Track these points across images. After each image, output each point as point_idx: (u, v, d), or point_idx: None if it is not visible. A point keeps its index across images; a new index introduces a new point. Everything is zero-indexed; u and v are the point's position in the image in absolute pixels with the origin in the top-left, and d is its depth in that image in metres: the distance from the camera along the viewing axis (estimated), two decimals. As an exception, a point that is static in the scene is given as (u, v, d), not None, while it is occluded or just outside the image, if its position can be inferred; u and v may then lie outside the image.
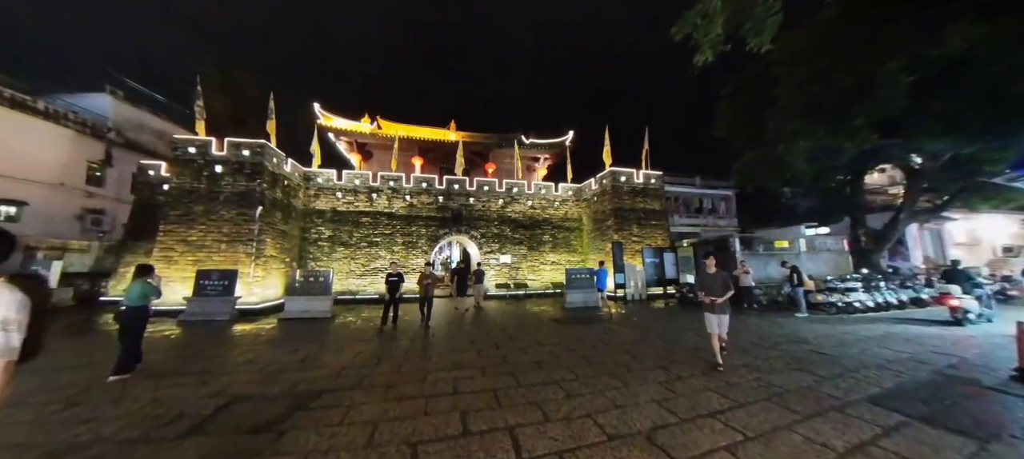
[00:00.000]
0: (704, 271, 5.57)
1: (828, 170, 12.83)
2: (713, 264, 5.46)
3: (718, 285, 5.29)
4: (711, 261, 5.49)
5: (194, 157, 12.78)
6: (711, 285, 5.34)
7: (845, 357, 5.84)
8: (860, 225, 15.31)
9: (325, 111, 20.36)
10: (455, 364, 5.69)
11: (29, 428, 3.58)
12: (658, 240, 16.82)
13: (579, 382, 4.74)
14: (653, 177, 17.65)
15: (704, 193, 26.41)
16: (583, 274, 13.34)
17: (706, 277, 5.45)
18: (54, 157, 15.82)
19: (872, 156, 12.63)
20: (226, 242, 12.25)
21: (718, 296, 5.24)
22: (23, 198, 14.62)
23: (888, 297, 10.97)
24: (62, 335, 8.48)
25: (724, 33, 6.84)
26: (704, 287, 5.41)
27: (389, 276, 9.32)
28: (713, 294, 5.27)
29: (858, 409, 3.79)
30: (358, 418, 3.71)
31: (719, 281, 5.32)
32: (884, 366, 5.32)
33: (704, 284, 5.43)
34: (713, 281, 5.35)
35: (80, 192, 16.71)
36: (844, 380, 4.70)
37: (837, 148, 10.87)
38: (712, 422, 3.52)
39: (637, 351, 6.38)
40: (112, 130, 18.06)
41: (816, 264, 14.24)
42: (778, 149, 11.70)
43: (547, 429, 3.41)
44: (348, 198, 16.51)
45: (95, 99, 18.16)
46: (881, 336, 7.31)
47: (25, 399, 4.32)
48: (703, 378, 4.87)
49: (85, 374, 5.39)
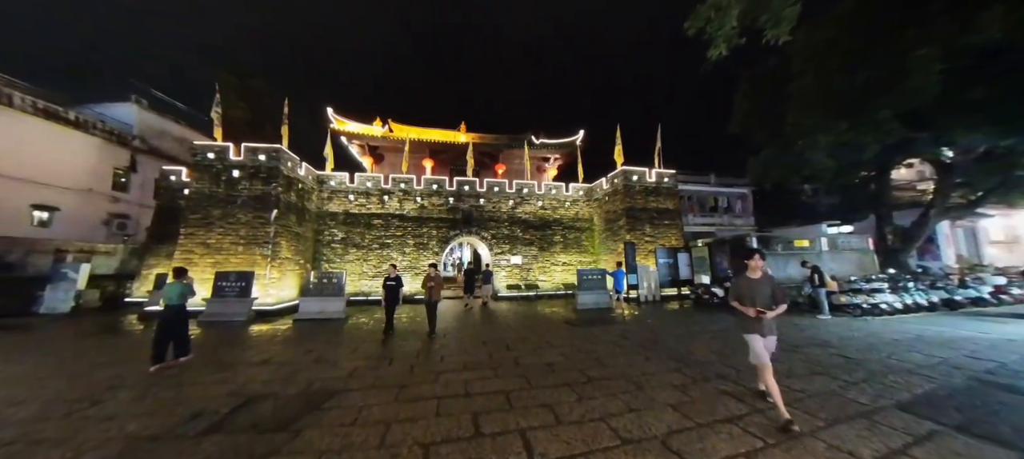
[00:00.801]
0: (743, 276, 4.08)
1: (851, 165, 12.32)
2: (758, 265, 4.02)
3: (766, 294, 3.84)
4: (756, 261, 4.03)
5: (213, 162, 13.15)
6: (755, 294, 3.84)
7: (871, 361, 5.56)
8: (886, 223, 14.65)
9: (338, 115, 20.72)
10: (466, 365, 5.67)
11: (59, 425, 3.73)
12: (672, 240, 16.49)
13: (592, 384, 4.66)
14: (666, 176, 17.33)
15: (719, 191, 25.79)
16: (595, 275, 13.15)
17: (747, 283, 3.95)
18: (83, 164, 16.57)
19: (899, 150, 12.08)
20: (243, 244, 12.55)
21: (766, 308, 3.78)
22: (55, 204, 15.35)
23: (918, 298, 10.43)
24: (90, 335, 8.83)
25: (739, 26, 6.62)
26: (744, 296, 3.91)
27: (387, 280, 8.38)
28: (759, 306, 3.79)
29: (886, 416, 3.59)
30: (371, 418, 3.74)
31: (767, 289, 3.87)
32: (914, 371, 5.03)
33: (744, 293, 3.92)
34: (758, 289, 3.87)
35: (107, 197, 17.45)
36: (871, 385, 4.47)
37: (860, 143, 10.41)
38: (730, 427, 3.41)
39: (651, 353, 6.24)
40: (136, 138, 18.82)
41: (839, 264, 13.70)
42: (797, 145, 11.31)
43: (559, 432, 3.36)
44: (360, 200, 16.73)
45: (121, 108, 18.95)
46: (911, 339, 6.94)
47: (55, 396, 4.52)
48: (720, 382, 4.70)
49: (111, 371, 5.60)
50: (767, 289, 3.89)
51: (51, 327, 9.89)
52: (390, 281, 8.41)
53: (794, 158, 11.89)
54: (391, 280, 8.43)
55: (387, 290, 8.32)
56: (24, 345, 7.74)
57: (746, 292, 3.92)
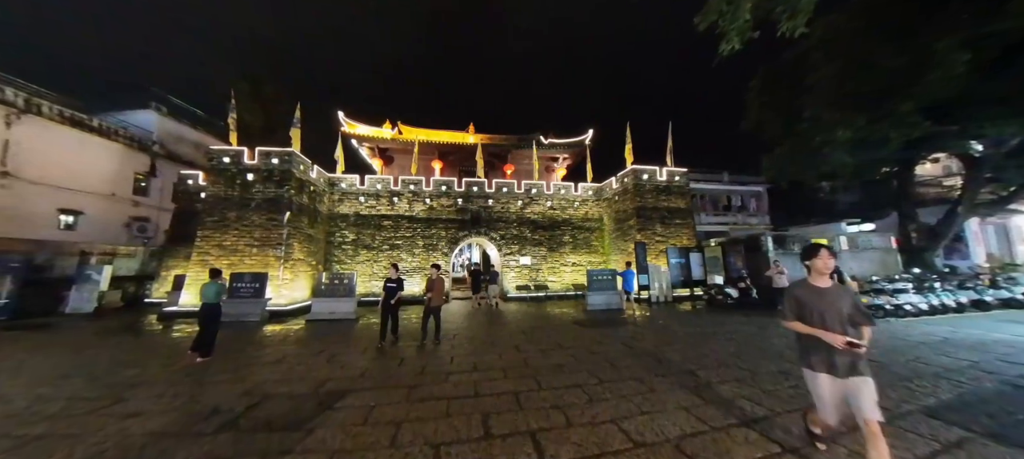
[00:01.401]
0: (804, 283, 2.76)
1: (872, 161, 11.88)
2: (827, 266, 2.67)
3: (842, 311, 2.54)
4: (825, 260, 2.66)
5: (228, 166, 13.46)
6: (826, 310, 2.57)
7: (895, 364, 5.34)
8: (910, 220, 14.07)
9: (348, 119, 21.00)
10: (476, 366, 5.71)
11: (83, 421, 3.88)
12: (684, 239, 16.20)
13: (602, 386, 4.61)
14: (677, 174, 17.04)
15: (732, 189, 25.26)
16: (605, 276, 13.00)
17: (811, 295, 2.66)
18: (106, 170, 17.19)
19: (924, 145, 11.56)
20: (257, 246, 12.81)
21: (841, 331, 2.49)
22: (80, 208, 15.95)
23: (945, 299, 9.98)
24: (112, 334, 9.12)
25: (753, 19, 6.43)
26: (808, 314, 2.63)
27: (388, 281, 7.63)
28: (832, 327, 2.52)
29: (912, 422, 3.45)
30: (381, 418, 3.77)
31: (843, 303, 2.57)
32: (942, 375, 4.82)
33: (808, 308, 2.64)
34: (829, 303, 2.59)
35: (128, 201, 18.07)
36: (895, 390, 4.29)
37: (882, 138, 10.02)
38: (747, 431, 3.32)
39: (663, 355, 6.15)
40: (156, 143, 19.45)
41: (859, 263, 13.22)
42: (815, 141, 10.95)
43: (570, 434, 3.33)
44: (370, 202, 16.92)
45: (141, 115, 19.61)
46: (938, 342, 6.65)
47: (80, 393, 4.68)
48: (735, 385, 4.59)
49: (133, 370, 5.78)
50: (843, 303, 2.55)
51: (76, 326, 10.25)
52: (391, 282, 7.58)
53: (812, 155, 11.51)
54: (392, 281, 7.59)
55: (387, 291, 7.51)
56: (51, 343, 8.04)
57: (812, 307, 2.61)
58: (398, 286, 7.60)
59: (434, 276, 7.62)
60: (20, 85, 14.48)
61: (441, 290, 7.61)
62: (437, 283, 7.53)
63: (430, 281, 7.56)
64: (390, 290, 7.55)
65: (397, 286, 7.59)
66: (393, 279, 7.68)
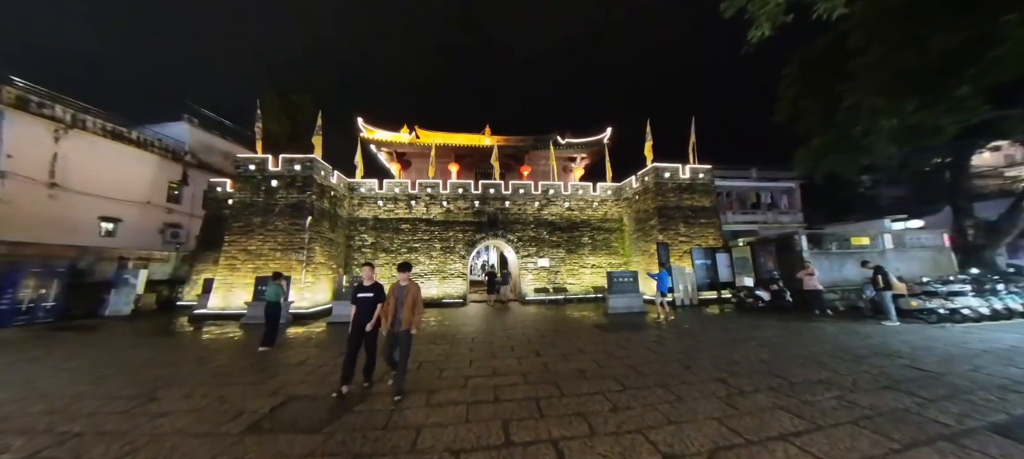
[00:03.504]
0: None
1: (921, 152, 10.91)
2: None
3: None
4: None
5: (254, 173, 13.89)
6: None
7: (953, 375, 4.84)
8: (966, 216, 12.85)
9: (367, 125, 21.41)
10: (495, 371, 5.66)
11: (118, 418, 4.03)
12: (709, 239, 15.48)
13: (627, 393, 4.42)
14: (701, 171, 16.34)
15: (761, 186, 24.07)
16: (626, 278, 12.57)
17: None
18: (143, 179, 18.17)
19: (982, 132, 10.54)
20: (280, 251, 13.13)
21: None
22: (119, 216, 16.89)
23: (1010, 303, 9.01)
24: (147, 335, 9.51)
25: (786, 1, 5.94)
26: None
27: (357, 291, 5.04)
28: None
29: (979, 440, 3.06)
30: (401, 423, 3.76)
31: None
32: (1010, 388, 4.31)
33: None
34: None
35: (162, 209, 19.03)
36: (955, 403, 3.86)
37: (934, 126, 9.13)
38: (785, 446, 3.05)
39: (691, 361, 5.85)
40: (188, 153, 20.42)
41: (907, 263, 12.20)
42: (855, 130, 10.14)
43: (594, 444, 3.19)
44: (389, 206, 17.09)
45: (175, 127, 20.68)
46: (1004, 351, 6.00)
47: (116, 392, 4.89)
48: (771, 394, 4.27)
49: (165, 370, 5.98)
50: None
51: (114, 327, 10.78)
52: (363, 292, 4.95)
53: (852, 146, 10.69)
54: (365, 291, 4.96)
55: (358, 304, 4.92)
56: (92, 344, 8.45)
57: None
58: (375, 297, 4.93)
59: (403, 280, 4.81)
60: (67, 102, 15.52)
61: (414, 305, 4.67)
62: (406, 293, 4.71)
63: (395, 290, 4.80)
64: (363, 304, 4.88)
65: (374, 297, 4.92)
66: (366, 287, 4.96)
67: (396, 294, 4.77)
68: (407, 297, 4.70)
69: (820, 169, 12.54)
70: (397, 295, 4.76)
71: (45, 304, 11.78)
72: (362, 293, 4.96)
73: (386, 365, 4.97)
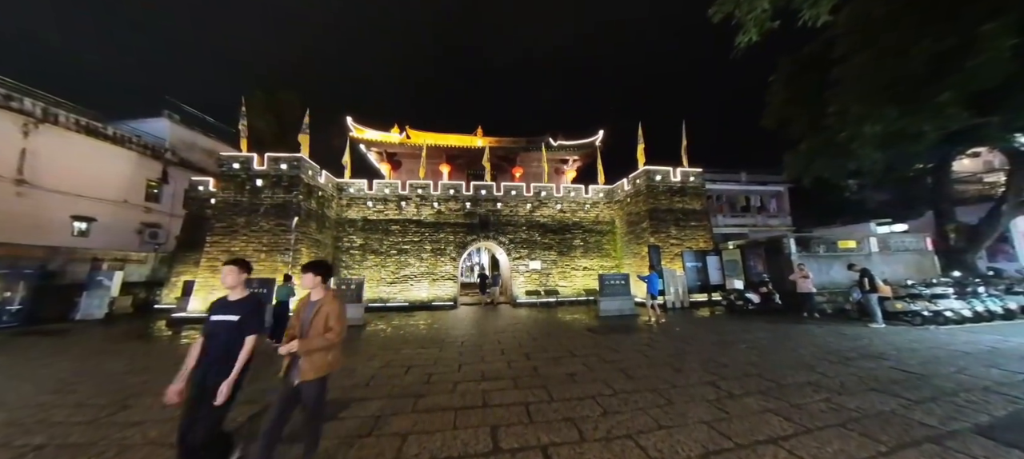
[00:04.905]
0: None
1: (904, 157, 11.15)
2: None
3: None
4: None
5: (238, 172, 13.50)
6: None
7: (938, 376, 4.92)
8: (947, 220, 13.20)
9: (356, 124, 21.07)
10: (485, 375, 5.54)
11: (85, 429, 3.82)
12: (700, 242, 15.59)
13: (618, 398, 4.38)
14: (692, 174, 16.47)
15: (751, 189, 24.44)
16: (618, 280, 12.53)
17: None
18: (119, 177, 17.53)
19: (962, 138, 10.82)
20: (265, 252, 12.76)
21: None
22: (93, 215, 16.24)
23: (990, 305, 9.21)
24: (121, 340, 9.07)
25: (772, 7, 5.97)
26: None
27: (212, 309, 2.79)
28: None
29: (962, 441, 3.13)
30: (387, 429, 3.67)
31: None
32: (993, 389, 4.38)
33: None
34: None
35: (140, 208, 18.39)
36: (939, 405, 3.92)
37: (916, 132, 9.34)
38: (775, 449, 3.08)
39: (681, 364, 5.84)
40: (168, 151, 19.81)
41: (892, 266, 12.44)
42: (841, 136, 10.31)
43: (584, 450, 3.17)
44: (378, 207, 16.80)
45: (155, 123, 20.05)
46: (986, 352, 6.11)
47: (85, 401, 4.65)
48: (760, 397, 4.28)
49: (140, 378, 5.70)
50: None
51: (86, 332, 10.25)
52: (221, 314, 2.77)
53: (838, 151, 10.87)
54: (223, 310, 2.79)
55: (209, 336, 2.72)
56: (59, 350, 8.00)
57: None
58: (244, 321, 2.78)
59: (316, 291, 2.90)
60: (38, 95, 14.85)
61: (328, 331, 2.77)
62: (317, 313, 2.80)
63: (302, 308, 2.90)
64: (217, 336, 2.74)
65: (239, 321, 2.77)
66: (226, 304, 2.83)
67: (301, 316, 2.80)
68: (317, 319, 2.73)
69: (808, 173, 12.73)
70: (303, 318, 2.78)
71: (10, 308, 11.17)
72: (219, 314, 2.71)
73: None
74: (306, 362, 2.71)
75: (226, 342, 2.70)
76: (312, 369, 2.71)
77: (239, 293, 2.84)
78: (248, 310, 2.79)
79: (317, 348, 2.71)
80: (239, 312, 2.74)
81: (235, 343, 2.70)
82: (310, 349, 2.70)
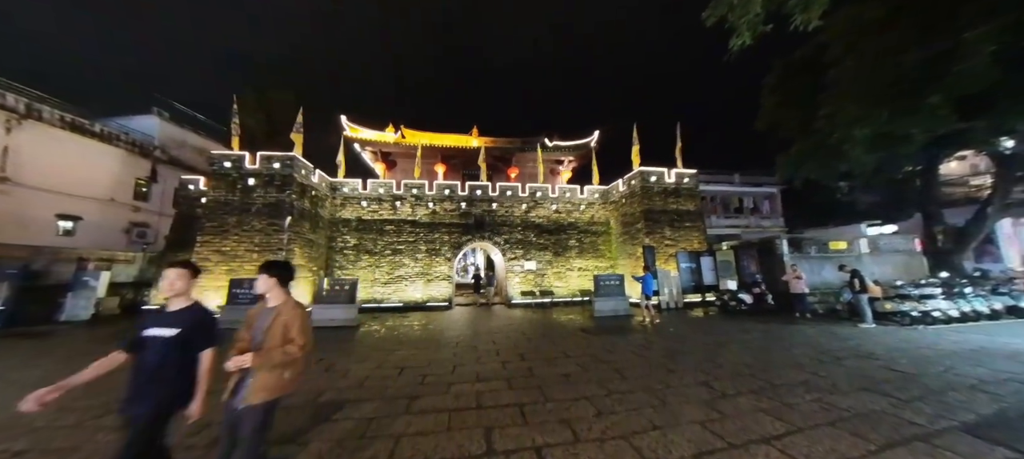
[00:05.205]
0: None
1: (894, 160, 11.35)
2: None
3: None
4: None
5: (229, 171, 13.29)
6: None
7: (927, 376, 5.02)
8: (935, 222, 13.46)
9: (351, 123, 20.90)
10: (479, 376, 5.51)
11: (69, 433, 3.74)
12: (694, 243, 15.70)
13: (612, 398, 4.40)
14: (687, 176, 16.58)
15: (744, 191, 24.71)
16: (613, 281, 12.57)
17: None
18: (106, 175, 17.16)
19: (949, 141, 11.05)
20: (257, 252, 12.58)
21: None
22: (79, 213, 15.88)
23: (977, 305, 9.40)
24: (107, 342, 8.82)
25: (764, 11, 6.03)
26: None
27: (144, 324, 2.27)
28: None
29: (950, 440, 3.19)
30: (380, 432, 3.64)
31: None
32: (979, 388, 4.48)
33: None
34: None
35: (128, 207, 18.03)
36: (928, 404, 3.99)
37: (905, 135, 9.52)
38: (767, 449, 3.11)
39: (675, 365, 5.88)
40: (158, 149, 19.44)
41: (881, 267, 12.64)
42: (832, 138, 10.46)
43: (578, 451, 3.17)
44: (373, 207, 16.67)
45: (143, 121, 19.66)
46: (972, 351, 6.24)
47: (68, 405, 4.48)
48: (753, 397, 4.33)
49: (125, 380, 5.47)
50: None
51: (71, 334, 10.01)
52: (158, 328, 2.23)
53: (829, 153, 11.03)
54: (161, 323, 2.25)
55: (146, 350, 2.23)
56: (43, 352, 7.79)
57: None
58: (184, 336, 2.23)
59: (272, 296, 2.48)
60: (22, 91, 14.49)
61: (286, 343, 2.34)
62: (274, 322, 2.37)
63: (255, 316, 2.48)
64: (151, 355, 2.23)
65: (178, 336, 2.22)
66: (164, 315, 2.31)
67: (254, 326, 2.40)
68: (274, 328, 2.33)
69: (799, 175, 12.89)
70: (256, 327, 2.38)
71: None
72: (154, 328, 2.22)
73: None
74: (257, 381, 2.26)
75: (157, 363, 2.15)
76: (262, 389, 2.26)
77: (182, 302, 2.35)
78: (193, 322, 2.28)
79: (275, 362, 2.29)
80: (180, 325, 2.23)
81: (169, 363, 2.19)
82: (266, 363, 2.26)
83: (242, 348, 2.35)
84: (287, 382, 2.38)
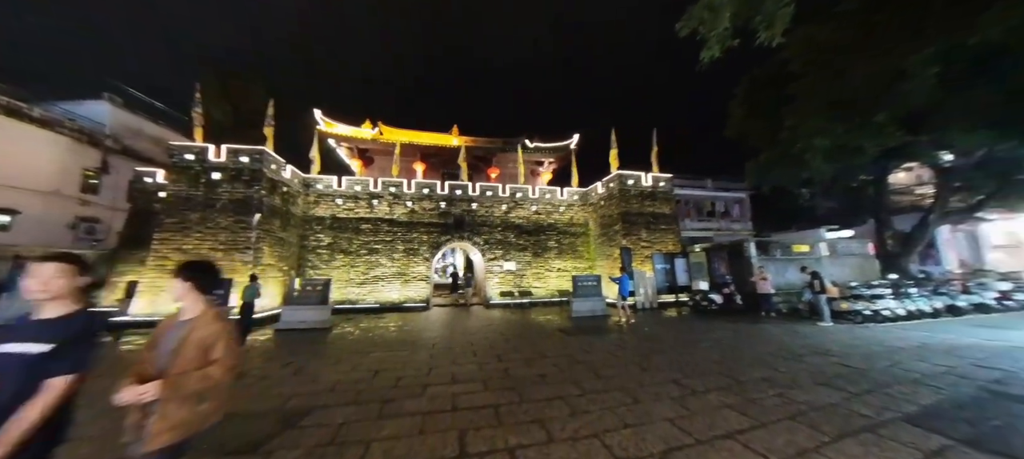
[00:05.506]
0: None
1: (850, 169, 12.17)
2: None
3: None
4: None
5: (191, 164, 12.49)
6: None
7: (875, 371, 5.36)
8: (886, 227, 14.54)
9: (326, 117, 20.18)
10: (454, 377, 5.45)
11: None
12: (668, 245, 16.18)
13: (586, 398, 4.47)
14: (662, 180, 17.07)
15: (716, 196, 25.70)
16: (590, 281, 12.74)
17: None
18: (49, 165, 15.65)
19: (897, 154, 11.94)
20: (223, 250, 11.89)
21: None
22: (15, 206, 14.43)
23: (921, 305, 10.18)
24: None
25: (732, 27, 6.35)
26: None
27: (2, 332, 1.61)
28: None
29: (893, 429, 3.43)
30: (350, 437, 3.56)
31: None
32: (920, 381, 4.82)
33: None
34: None
35: (74, 200, 16.52)
36: (876, 397, 4.26)
37: (858, 147, 10.23)
38: (731, 443, 3.25)
39: (648, 363, 6.02)
40: (110, 137, 17.94)
41: (839, 269, 13.46)
42: (795, 148, 11.09)
43: (550, 451, 3.21)
44: (348, 204, 16.16)
45: (94, 106, 18.06)
46: (916, 347, 6.72)
47: None
48: (720, 394, 4.50)
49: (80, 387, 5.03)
50: None
51: (4, 339, 9.10)
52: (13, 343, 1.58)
53: (792, 162, 11.69)
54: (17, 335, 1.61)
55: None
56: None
57: None
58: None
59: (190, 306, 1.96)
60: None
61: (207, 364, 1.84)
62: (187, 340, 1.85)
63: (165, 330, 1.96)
64: None
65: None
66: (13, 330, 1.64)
67: (160, 345, 1.91)
68: (186, 347, 1.84)
69: (766, 181, 13.56)
70: (162, 347, 1.90)
71: (-91, 311, 9.72)
72: (10, 344, 1.59)
73: None
74: (162, 417, 1.69)
75: (12, 393, 1.51)
76: (170, 428, 1.70)
77: (59, 308, 1.68)
78: (71, 337, 1.65)
79: (188, 391, 1.74)
80: (52, 339, 1.60)
81: (30, 393, 1.54)
82: (176, 392, 1.71)
83: (142, 374, 1.77)
84: (204, 415, 1.83)
